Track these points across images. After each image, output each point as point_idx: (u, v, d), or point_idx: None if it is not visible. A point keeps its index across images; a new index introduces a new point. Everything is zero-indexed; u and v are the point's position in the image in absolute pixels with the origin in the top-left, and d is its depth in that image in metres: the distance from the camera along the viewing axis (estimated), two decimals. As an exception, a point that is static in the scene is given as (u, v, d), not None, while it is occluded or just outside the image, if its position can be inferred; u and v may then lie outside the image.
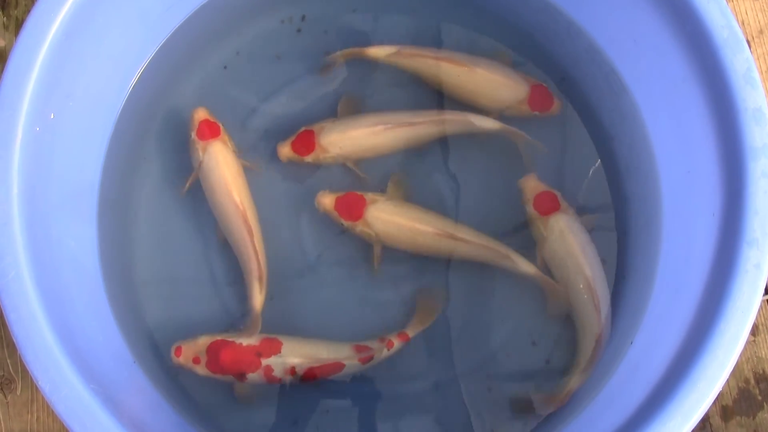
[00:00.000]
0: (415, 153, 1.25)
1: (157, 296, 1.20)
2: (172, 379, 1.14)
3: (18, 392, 1.27)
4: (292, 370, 1.12)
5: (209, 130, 1.19)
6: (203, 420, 1.12)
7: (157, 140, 1.26)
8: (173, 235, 1.23)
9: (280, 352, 1.12)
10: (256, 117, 1.28)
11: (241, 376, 1.11)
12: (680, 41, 1.01)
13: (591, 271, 1.15)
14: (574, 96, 1.25)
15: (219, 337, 1.12)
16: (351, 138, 1.21)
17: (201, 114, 1.19)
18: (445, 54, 1.24)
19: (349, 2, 1.31)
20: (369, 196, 1.19)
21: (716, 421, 1.29)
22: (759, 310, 1.30)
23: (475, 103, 1.25)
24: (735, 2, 1.43)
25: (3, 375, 1.27)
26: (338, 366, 1.13)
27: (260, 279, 1.15)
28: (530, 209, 1.20)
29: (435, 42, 1.30)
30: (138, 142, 1.24)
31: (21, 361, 0.90)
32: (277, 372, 1.12)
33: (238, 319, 1.17)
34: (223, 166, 1.17)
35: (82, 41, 1.03)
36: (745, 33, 1.41)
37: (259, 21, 1.31)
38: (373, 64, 1.27)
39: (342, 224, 1.18)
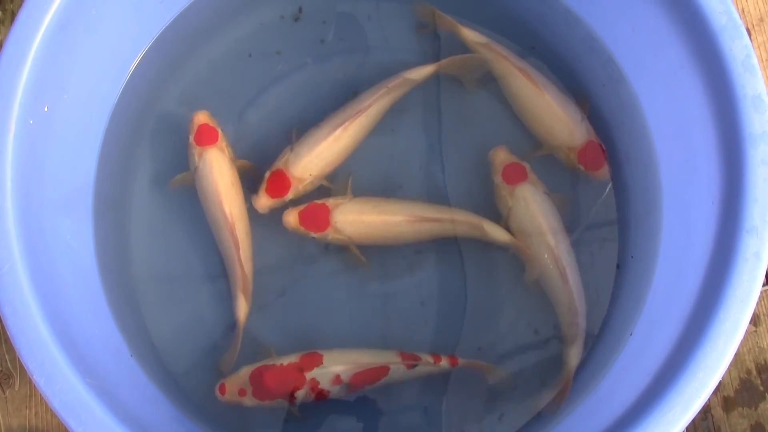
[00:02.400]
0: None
1: (154, 290, 1.19)
2: (169, 373, 1.14)
3: (16, 387, 1.27)
4: (338, 379, 1.10)
5: (207, 136, 1.17)
6: (200, 413, 1.12)
7: (154, 133, 1.25)
8: (171, 229, 1.22)
9: (322, 363, 1.11)
10: (253, 110, 1.27)
11: (290, 396, 1.10)
12: (678, 28, 1.00)
13: (554, 240, 1.16)
14: (573, 84, 1.24)
15: (259, 365, 1.11)
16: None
17: (201, 118, 1.18)
18: (525, 66, 1.21)
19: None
20: (330, 201, 1.17)
21: (718, 412, 1.28)
22: (760, 300, 1.30)
23: (528, 125, 1.23)
24: (735, -10, 1.43)
25: (1, 370, 1.27)
26: (383, 370, 1.12)
27: (244, 291, 1.14)
28: (498, 179, 1.19)
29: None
30: (134, 135, 1.23)
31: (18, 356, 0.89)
32: (324, 384, 1.10)
33: (226, 331, 1.17)
34: (216, 174, 1.16)
35: (76, 34, 1.03)
36: (745, 21, 1.41)
37: (256, 13, 1.30)
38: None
39: (313, 237, 1.17)
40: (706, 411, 1.27)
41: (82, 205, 1.13)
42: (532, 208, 1.17)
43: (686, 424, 0.86)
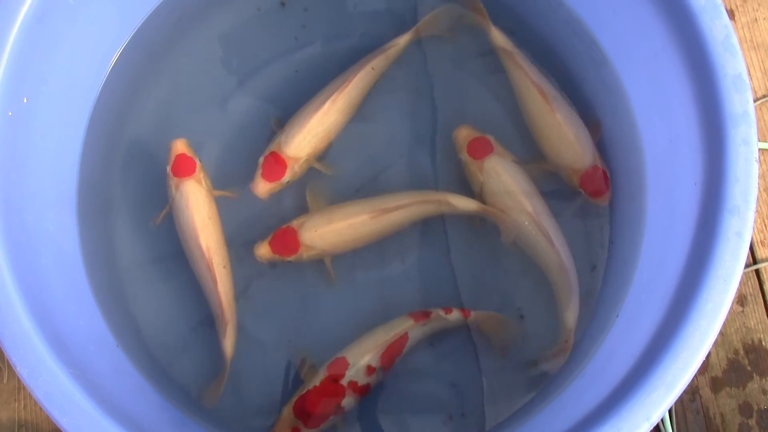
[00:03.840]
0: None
1: (140, 280, 1.19)
2: (156, 362, 1.14)
3: (5, 380, 1.27)
4: (370, 369, 1.11)
5: (183, 167, 1.15)
6: (187, 403, 1.12)
7: (137, 123, 1.25)
8: (155, 219, 1.22)
9: (349, 363, 1.11)
10: (236, 98, 1.27)
11: (338, 409, 1.10)
12: (658, 9, 1.00)
13: (532, 205, 1.16)
14: (557, 68, 1.24)
15: (294, 399, 1.11)
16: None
17: (179, 147, 1.16)
18: (542, 82, 1.20)
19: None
20: (294, 222, 1.17)
21: (706, 392, 1.28)
22: (747, 281, 1.30)
23: (535, 139, 1.22)
24: (718, -29, 1.42)
25: (-11, 363, 1.27)
26: (403, 338, 1.12)
27: (225, 325, 1.13)
28: (465, 156, 1.19)
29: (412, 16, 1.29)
30: (117, 125, 1.22)
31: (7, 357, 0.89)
32: (361, 380, 1.10)
33: (213, 322, 1.16)
34: (193, 208, 1.14)
35: (54, 25, 1.02)
36: (728, 2, 1.41)
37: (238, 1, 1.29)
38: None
39: (289, 261, 1.16)
40: (694, 392, 1.28)
41: (65, 196, 1.13)
42: (504, 178, 1.17)
43: (671, 404, 0.86)
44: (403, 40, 1.24)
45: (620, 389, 0.90)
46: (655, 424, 0.86)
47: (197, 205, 1.14)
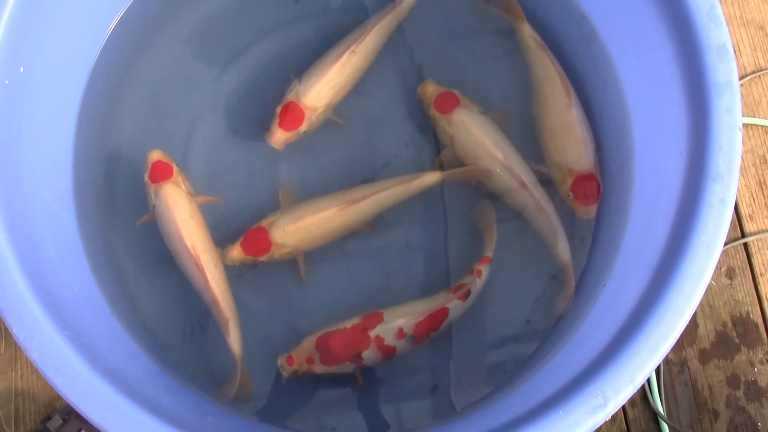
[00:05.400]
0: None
1: (136, 248, 1.20)
2: (149, 331, 1.15)
3: (2, 350, 1.28)
4: (401, 332, 1.11)
5: (161, 173, 1.15)
6: (180, 370, 1.13)
7: (133, 91, 1.26)
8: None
9: (383, 320, 1.12)
10: (233, 70, 1.28)
11: (356, 358, 1.11)
12: (645, -20, 1.02)
13: (502, 152, 1.17)
14: (548, 43, 1.24)
15: (322, 332, 1.12)
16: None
17: (154, 156, 1.16)
18: (566, 79, 1.20)
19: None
20: (264, 222, 1.17)
21: (694, 364, 1.30)
22: (735, 254, 1.32)
23: (541, 135, 1.22)
24: (709, -52, 1.43)
25: (-14, 334, 1.28)
26: (443, 312, 1.13)
27: (227, 321, 1.12)
28: (433, 112, 1.21)
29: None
30: (114, 94, 1.24)
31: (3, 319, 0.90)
32: (389, 339, 1.11)
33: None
34: (174, 209, 1.13)
35: (50, -6, 1.04)
36: (718, -21, 1.42)
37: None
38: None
39: (261, 261, 1.16)
40: (682, 364, 1.30)
41: (61, 163, 1.14)
42: (473, 129, 1.18)
43: (654, 366, 0.87)
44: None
45: (605, 353, 0.91)
46: (639, 386, 0.87)
47: (177, 206, 1.14)
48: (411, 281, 1.22)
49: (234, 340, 1.12)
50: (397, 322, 1.12)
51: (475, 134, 1.18)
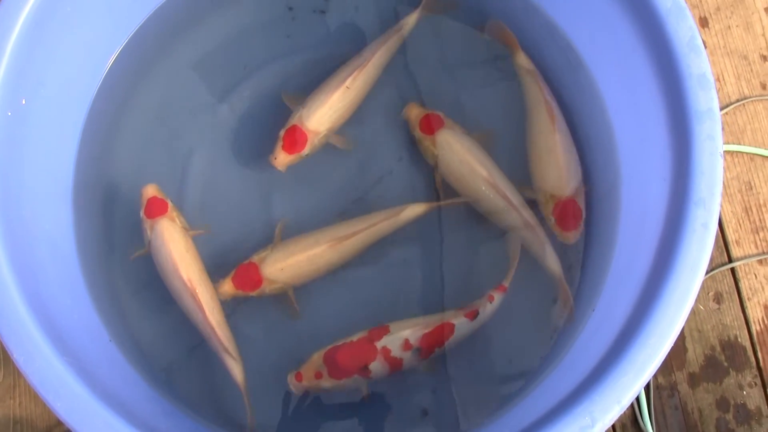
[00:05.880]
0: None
1: (134, 276, 1.22)
2: (147, 358, 1.17)
3: (0, 378, 1.29)
4: (407, 344, 1.12)
5: (156, 208, 1.17)
6: (178, 395, 1.15)
7: (132, 122, 1.28)
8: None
9: (390, 332, 1.13)
10: (232, 98, 1.31)
11: (364, 371, 1.12)
12: (628, 12, 1.04)
13: (486, 170, 1.20)
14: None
15: (328, 348, 1.13)
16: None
17: (149, 191, 1.18)
18: (553, 104, 1.23)
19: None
20: (255, 257, 1.19)
21: (684, 388, 1.32)
22: (723, 279, 1.34)
23: (529, 159, 1.24)
24: (693, -20, 1.47)
25: (-15, 362, 1.30)
26: (449, 327, 1.14)
27: (227, 351, 1.14)
28: (418, 134, 1.24)
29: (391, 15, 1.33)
30: (113, 125, 1.26)
31: (3, 348, 0.92)
32: (395, 351, 1.12)
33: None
34: (169, 244, 1.15)
35: (51, 30, 1.06)
36: (702, 10, 1.45)
37: (227, 8, 1.34)
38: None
39: (252, 297, 1.18)
40: (672, 388, 1.31)
41: (61, 193, 1.16)
42: (457, 148, 1.21)
43: (641, 388, 0.89)
44: (412, 18, 1.28)
45: (593, 375, 0.93)
46: (626, 407, 0.89)
47: (173, 241, 1.16)
48: (409, 300, 1.24)
49: (237, 372, 1.14)
50: (403, 333, 1.13)
51: (460, 153, 1.21)
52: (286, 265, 1.18)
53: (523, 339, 1.21)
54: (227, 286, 1.17)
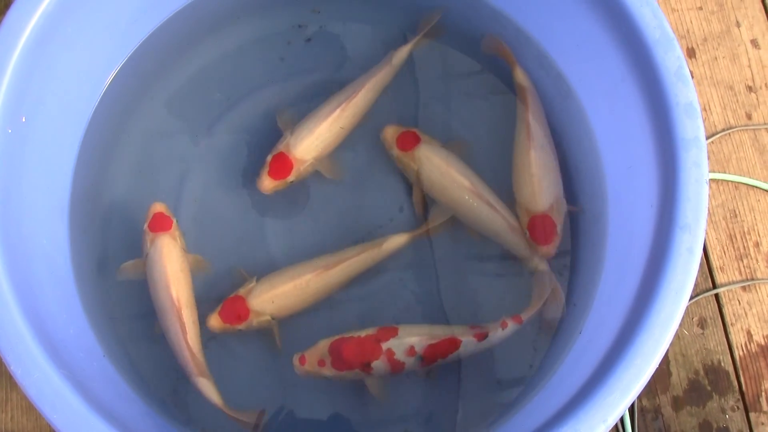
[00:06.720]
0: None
1: (127, 294, 1.22)
2: (139, 373, 1.18)
3: (-7, 393, 1.30)
4: (412, 350, 1.13)
5: (160, 223, 1.18)
6: (173, 412, 1.16)
7: (128, 142, 1.30)
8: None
9: (397, 335, 1.14)
10: (225, 121, 1.33)
11: (366, 367, 1.13)
12: (617, 42, 1.08)
13: (467, 179, 1.22)
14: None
15: (337, 337, 1.15)
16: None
17: (157, 207, 1.19)
18: (537, 122, 1.25)
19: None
20: (242, 290, 1.19)
21: (668, 411, 1.33)
22: (707, 305, 1.36)
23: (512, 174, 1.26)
24: (680, 12, 1.50)
25: (-23, 377, 1.30)
26: (455, 342, 1.15)
27: (202, 375, 1.13)
28: (396, 152, 1.26)
29: (388, 46, 1.34)
30: (109, 143, 1.28)
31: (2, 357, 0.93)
32: (399, 354, 1.13)
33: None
34: (165, 259, 1.16)
35: (52, 49, 1.08)
36: (689, 41, 1.48)
37: (223, 32, 1.37)
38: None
39: (239, 330, 1.18)
40: (656, 410, 1.33)
41: (58, 210, 1.17)
42: (436, 161, 1.23)
43: (626, 407, 0.91)
44: (404, 50, 1.30)
45: (580, 395, 0.94)
46: (611, 426, 0.91)
47: (170, 257, 1.16)
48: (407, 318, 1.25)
49: (213, 395, 1.12)
50: (410, 340, 1.14)
51: (439, 165, 1.23)
52: (272, 295, 1.18)
53: (511, 359, 1.23)
54: (214, 321, 1.17)
